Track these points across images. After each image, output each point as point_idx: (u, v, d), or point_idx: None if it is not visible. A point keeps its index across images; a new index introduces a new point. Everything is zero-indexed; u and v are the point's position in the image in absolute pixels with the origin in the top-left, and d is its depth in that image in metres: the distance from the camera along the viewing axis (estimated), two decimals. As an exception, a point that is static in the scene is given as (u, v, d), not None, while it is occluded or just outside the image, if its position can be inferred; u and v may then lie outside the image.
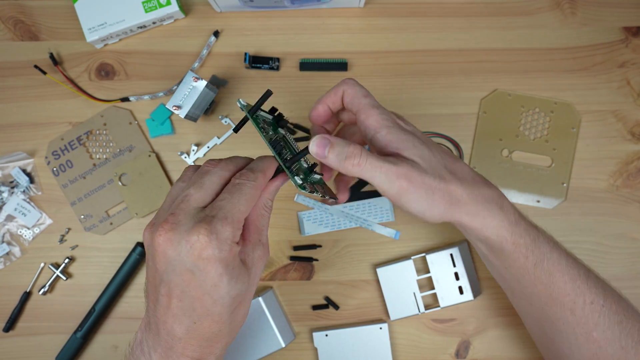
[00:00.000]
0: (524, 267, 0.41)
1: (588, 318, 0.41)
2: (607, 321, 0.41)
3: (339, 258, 0.57)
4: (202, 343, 0.35)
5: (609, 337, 0.41)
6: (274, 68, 0.58)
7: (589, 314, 0.41)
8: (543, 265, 0.41)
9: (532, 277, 0.42)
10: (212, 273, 0.33)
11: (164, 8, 0.56)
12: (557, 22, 0.58)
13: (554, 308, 0.42)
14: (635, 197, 0.57)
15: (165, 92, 0.58)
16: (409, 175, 0.37)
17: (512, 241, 0.40)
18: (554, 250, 0.42)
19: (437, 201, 0.38)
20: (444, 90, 0.58)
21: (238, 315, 0.37)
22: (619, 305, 0.42)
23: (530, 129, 0.57)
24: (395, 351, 0.56)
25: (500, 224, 0.40)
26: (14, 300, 0.57)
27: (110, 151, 0.58)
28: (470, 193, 0.39)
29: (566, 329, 0.42)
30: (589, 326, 0.41)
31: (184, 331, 0.35)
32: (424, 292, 0.55)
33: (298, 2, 0.56)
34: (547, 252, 0.41)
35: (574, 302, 0.41)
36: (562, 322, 0.42)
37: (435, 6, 0.59)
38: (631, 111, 0.57)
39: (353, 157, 0.37)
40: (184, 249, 0.33)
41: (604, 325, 0.41)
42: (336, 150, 0.37)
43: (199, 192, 0.35)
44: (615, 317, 0.41)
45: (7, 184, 0.58)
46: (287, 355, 0.56)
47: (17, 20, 0.59)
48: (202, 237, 0.33)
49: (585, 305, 0.41)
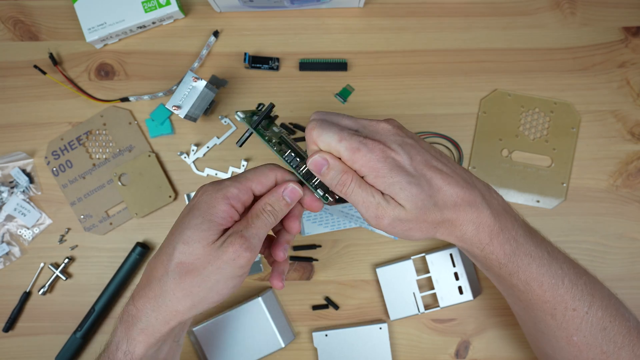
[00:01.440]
0: (502, 275, 0.42)
1: (569, 323, 0.41)
2: (589, 327, 0.41)
3: (338, 258, 0.57)
4: (145, 287, 0.39)
5: (590, 342, 0.41)
6: (273, 68, 0.58)
7: (570, 319, 0.41)
8: (519, 276, 0.41)
9: (510, 284, 0.42)
10: (190, 215, 0.38)
11: (164, 8, 0.56)
12: (557, 22, 0.58)
13: (535, 311, 0.43)
14: (635, 197, 0.57)
15: (165, 92, 0.58)
16: (388, 216, 0.39)
17: (495, 255, 0.41)
18: (533, 262, 0.41)
19: (417, 231, 0.40)
20: (444, 90, 0.58)
21: (182, 282, 0.37)
22: (605, 311, 0.42)
23: (530, 129, 0.57)
24: (395, 351, 0.56)
25: (471, 242, 0.41)
26: (14, 300, 0.57)
27: (110, 151, 0.58)
28: (453, 215, 0.40)
29: (547, 331, 0.43)
30: (569, 331, 0.42)
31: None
32: (424, 292, 0.55)
33: (298, 2, 0.56)
34: (524, 264, 0.41)
35: (554, 308, 0.41)
36: (543, 324, 0.43)
37: (435, 6, 0.59)
38: (631, 111, 0.57)
39: (343, 185, 0.39)
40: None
41: (585, 330, 0.41)
42: (331, 174, 0.39)
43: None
44: (599, 324, 0.41)
45: (6, 184, 0.58)
46: (286, 355, 0.56)
47: (17, 20, 0.59)
48: (210, 187, 0.39)
49: (567, 311, 0.41)
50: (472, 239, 0.41)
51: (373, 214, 0.39)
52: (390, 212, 0.38)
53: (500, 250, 0.41)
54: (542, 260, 0.42)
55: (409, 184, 0.38)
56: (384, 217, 0.39)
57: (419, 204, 0.39)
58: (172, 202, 0.57)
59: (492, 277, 0.45)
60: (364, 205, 0.39)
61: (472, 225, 0.40)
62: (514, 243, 0.41)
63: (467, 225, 0.40)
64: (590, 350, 0.41)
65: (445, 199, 0.40)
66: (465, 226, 0.40)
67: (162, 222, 0.57)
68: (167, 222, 0.57)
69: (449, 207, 0.40)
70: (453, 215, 0.40)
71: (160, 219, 0.57)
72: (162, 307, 0.38)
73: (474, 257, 0.43)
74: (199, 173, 0.58)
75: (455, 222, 0.40)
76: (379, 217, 0.39)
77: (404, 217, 0.39)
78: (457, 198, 0.40)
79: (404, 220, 0.39)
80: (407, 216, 0.39)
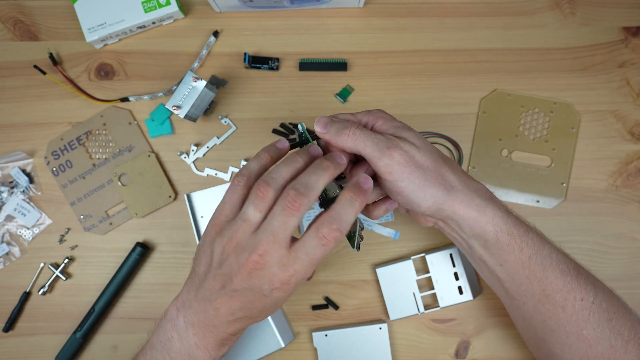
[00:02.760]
0: (519, 261, 0.41)
1: (578, 315, 0.41)
2: (596, 319, 0.41)
3: (339, 258, 0.57)
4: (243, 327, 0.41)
5: (599, 336, 0.41)
6: (273, 68, 0.58)
7: (579, 311, 0.41)
8: (537, 258, 0.41)
9: (527, 272, 0.42)
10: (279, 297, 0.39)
11: (164, 8, 0.56)
12: (557, 22, 0.58)
13: (546, 305, 0.42)
14: (634, 197, 0.57)
15: (164, 92, 0.58)
16: (400, 147, 0.39)
17: (507, 231, 0.41)
18: (545, 245, 0.42)
19: (430, 181, 0.40)
20: (443, 90, 0.58)
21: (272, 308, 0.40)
22: (609, 303, 0.42)
23: (530, 129, 0.57)
24: (395, 351, 0.56)
25: (493, 212, 0.41)
26: (14, 300, 0.57)
27: (109, 151, 0.58)
28: (463, 182, 0.41)
29: (557, 328, 0.42)
30: (579, 324, 0.41)
31: (232, 318, 0.39)
32: (424, 292, 0.55)
33: (297, 2, 0.56)
34: (539, 244, 0.42)
35: (565, 298, 0.41)
36: (553, 320, 0.42)
37: (435, 6, 0.59)
38: (631, 111, 0.57)
39: (348, 128, 0.39)
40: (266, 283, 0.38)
41: (593, 323, 0.41)
42: (335, 126, 0.40)
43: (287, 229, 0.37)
44: (605, 315, 0.41)
45: (6, 184, 0.58)
46: (286, 356, 0.56)
47: (16, 20, 0.59)
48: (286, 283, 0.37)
49: (576, 301, 0.41)
50: (494, 210, 0.41)
51: (385, 146, 0.38)
52: (404, 146, 0.39)
53: (520, 226, 0.41)
54: (549, 243, 0.43)
55: (419, 136, 0.42)
56: (397, 148, 0.39)
57: (428, 148, 0.41)
58: (172, 202, 0.57)
59: (506, 274, 0.43)
60: (374, 142, 0.38)
61: (486, 197, 0.41)
62: (524, 223, 0.43)
63: (481, 194, 0.41)
64: (600, 344, 0.41)
65: (447, 160, 0.42)
66: (480, 194, 0.41)
67: (162, 222, 0.57)
68: (167, 222, 0.57)
69: (454, 168, 0.42)
70: (462, 179, 0.41)
71: (160, 219, 0.57)
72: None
73: (495, 242, 0.41)
74: (199, 173, 0.58)
75: (470, 188, 0.41)
76: (392, 148, 0.38)
77: (418, 157, 0.39)
78: (460, 168, 0.42)
79: (417, 159, 0.39)
80: (421, 157, 0.39)
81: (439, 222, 0.44)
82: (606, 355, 0.41)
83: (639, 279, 0.56)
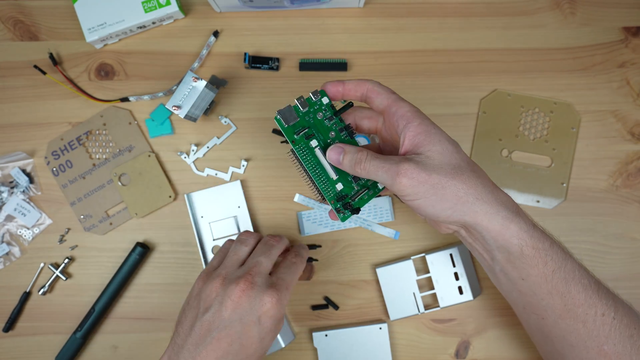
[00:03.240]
0: (542, 275, 0.40)
1: (599, 331, 0.40)
2: (618, 335, 0.40)
3: (338, 258, 0.57)
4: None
5: (620, 351, 0.40)
6: (273, 68, 0.58)
7: (600, 326, 0.40)
8: (561, 273, 0.40)
9: (550, 286, 0.41)
10: (268, 328, 0.43)
11: (164, 8, 0.56)
12: (557, 22, 0.58)
13: (567, 320, 0.41)
14: (635, 197, 0.57)
15: (164, 92, 0.58)
16: (410, 172, 0.38)
17: (532, 245, 0.40)
18: (568, 259, 0.41)
19: (446, 196, 0.39)
20: (443, 90, 0.58)
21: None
22: (630, 318, 0.41)
23: (530, 129, 0.57)
24: (395, 351, 0.56)
25: (519, 226, 0.40)
26: (14, 300, 0.57)
27: (109, 151, 0.58)
28: (490, 193, 0.40)
29: (578, 343, 0.41)
30: (600, 339, 0.41)
31: None
32: (424, 292, 0.55)
33: (298, 2, 0.56)
34: (562, 259, 0.41)
35: (587, 313, 0.41)
36: (574, 335, 0.41)
37: (435, 6, 0.59)
38: (631, 111, 0.57)
39: (360, 162, 0.41)
40: (257, 304, 0.42)
41: (615, 338, 0.40)
42: (348, 157, 0.42)
43: (268, 262, 0.46)
44: (626, 331, 0.41)
45: (6, 184, 0.58)
46: (286, 356, 0.56)
47: (16, 20, 0.59)
48: (274, 300, 0.42)
49: (597, 317, 0.40)
50: (519, 224, 0.40)
51: (394, 173, 0.39)
52: (414, 168, 0.38)
53: (545, 240, 0.40)
54: (572, 257, 0.42)
55: (448, 140, 0.41)
56: (404, 174, 0.38)
57: (453, 159, 0.40)
58: (172, 202, 0.57)
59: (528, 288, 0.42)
60: (384, 170, 0.39)
61: (513, 209, 0.41)
62: (549, 237, 0.42)
63: (507, 206, 0.40)
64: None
65: (476, 169, 0.41)
66: (507, 206, 0.40)
67: (162, 222, 0.57)
68: (167, 222, 0.57)
69: (482, 178, 0.41)
70: (488, 189, 0.40)
71: (160, 219, 0.57)
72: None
73: (520, 255, 0.40)
74: (199, 173, 0.58)
75: (497, 199, 0.40)
76: (400, 175, 0.38)
77: (431, 173, 0.39)
78: (489, 179, 0.42)
79: (431, 177, 0.38)
80: (434, 173, 0.39)
81: (461, 231, 0.43)
82: None
83: (639, 279, 0.56)
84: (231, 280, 0.43)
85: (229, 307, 0.42)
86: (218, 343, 0.41)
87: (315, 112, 0.44)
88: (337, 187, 0.43)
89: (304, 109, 0.43)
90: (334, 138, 0.44)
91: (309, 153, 0.43)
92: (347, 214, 0.43)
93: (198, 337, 0.42)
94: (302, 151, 0.43)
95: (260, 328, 0.42)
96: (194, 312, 0.44)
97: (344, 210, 0.43)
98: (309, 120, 0.43)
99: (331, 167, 0.43)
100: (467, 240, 0.44)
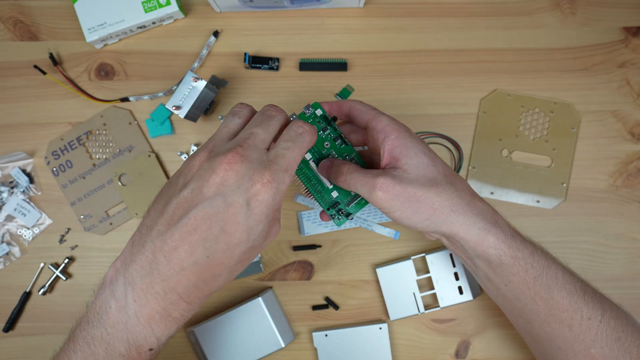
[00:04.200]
0: (524, 282, 0.41)
1: (586, 334, 0.41)
2: (605, 338, 0.41)
3: (339, 258, 0.57)
4: (198, 283, 0.35)
5: (607, 355, 0.40)
6: (273, 68, 0.58)
7: (587, 330, 0.41)
8: (542, 280, 0.41)
9: (532, 292, 0.41)
10: (257, 216, 0.34)
11: (164, 8, 0.56)
12: (557, 22, 0.58)
13: (553, 325, 0.41)
14: (635, 197, 0.57)
15: (165, 92, 0.58)
16: (386, 186, 0.40)
17: (510, 254, 0.41)
18: (552, 265, 0.42)
19: (422, 209, 0.40)
20: (443, 90, 0.58)
21: (235, 271, 0.37)
22: (617, 321, 0.41)
23: (530, 129, 0.57)
24: (395, 351, 0.56)
25: (496, 237, 0.41)
26: (14, 300, 0.57)
27: (110, 151, 0.58)
28: (467, 204, 0.41)
29: (565, 347, 0.42)
30: (586, 343, 0.41)
31: (190, 262, 0.34)
32: (424, 292, 0.55)
33: (298, 2, 0.56)
34: (545, 266, 0.41)
35: (572, 317, 0.41)
36: (560, 339, 0.42)
37: (435, 6, 0.59)
38: (631, 111, 0.57)
39: (341, 174, 0.42)
40: (246, 183, 0.34)
41: (602, 342, 0.41)
42: (333, 170, 0.43)
43: (265, 134, 0.37)
44: (613, 334, 0.41)
45: (6, 184, 0.58)
46: (286, 356, 0.56)
47: (16, 20, 0.59)
48: (267, 179, 0.34)
49: (583, 320, 0.41)
50: (497, 235, 0.40)
51: (372, 187, 0.40)
52: (390, 182, 0.39)
53: (524, 248, 0.41)
54: (557, 263, 0.42)
55: (424, 153, 0.41)
56: (380, 188, 0.39)
57: (429, 172, 0.40)
58: (172, 202, 0.57)
59: (511, 294, 0.42)
60: (362, 184, 0.40)
61: (491, 219, 0.41)
62: (531, 244, 0.42)
63: (485, 216, 0.41)
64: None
65: (454, 182, 0.41)
66: (484, 216, 0.41)
67: (162, 222, 0.57)
68: (167, 222, 0.57)
69: (460, 190, 0.41)
70: (465, 201, 0.41)
71: (160, 219, 0.57)
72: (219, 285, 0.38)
73: (499, 264, 0.41)
74: (199, 173, 0.58)
75: (474, 210, 0.41)
76: (377, 188, 0.39)
77: (407, 187, 0.39)
78: (468, 188, 0.42)
79: (406, 190, 0.39)
80: (410, 186, 0.39)
81: (443, 239, 0.44)
82: None
83: (639, 279, 0.56)
84: (218, 153, 0.35)
85: (211, 183, 0.34)
86: (195, 224, 0.33)
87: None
88: (333, 194, 0.45)
89: None
90: (328, 148, 0.45)
91: (303, 166, 0.45)
92: (342, 219, 0.45)
93: (170, 217, 0.34)
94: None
95: (248, 214, 0.34)
96: (172, 190, 0.36)
97: (339, 215, 0.45)
98: None
99: (325, 177, 0.45)
100: (450, 247, 0.45)
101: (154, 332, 0.35)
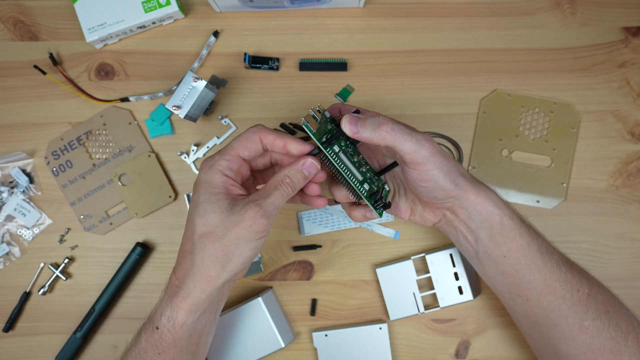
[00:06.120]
0: (520, 248, 0.43)
1: (578, 306, 0.42)
2: (594, 310, 0.42)
3: (338, 258, 0.57)
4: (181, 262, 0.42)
5: (599, 327, 0.42)
6: (273, 68, 0.58)
7: (578, 301, 0.43)
8: (535, 245, 0.43)
9: (528, 260, 0.43)
10: (197, 194, 0.41)
11: (164, 8, 0.56)
12: (557, 22, 0.58)
13: (548, 297, 0.43)
14: (635, 197, 0.57)
15: (164, 92, 0.58)
16: (430, 140, 0.41)
17: (509, 215, 0.43)
18: (539, 235, 0.45)
19: (452, 169, 0.42)
20: (443, 90, 0.58)
21: (207, 249, 0.40)
22: (604, 296, 0.44)
23: (530, 129, 0.57)
24: (395, 351, 0.56)
25: (497, 197, 0.44)
26: (14, 300, 0.57)
27: (109, 151, 0.58)
28: (471, 177, 0.45)
29: (560, 321, 0.43)
30: (579, 315, 0.42)
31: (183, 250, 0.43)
32: (424, 292, 0.55)
33: (298, 2, 0.56)
34: (534, 233, 0.44)
35: (564, 288, 0.43)
36: (556, 313, 0.43)
37: (435, 6, 0.59)
38: (631, 111, 0.57)
39: (385, 124, 0.40)
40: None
41: (592, 314, 0.42)
42: (368, 122, 0.40)
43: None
44: (602, 307, 0.43)
45: (6, 184, 0.58)
46: (286, 356, 0.56)
47: (17, 20, 0.59)
48: (204, 165, 0.42)
49: (574, 292, 0.43)
50: (498, 199, 0.44)
51: (424, 139, 0.40)
52: (431, 140, 0.41)
53: (518, 214, 0.44)
54: (540, 236, 0.45)
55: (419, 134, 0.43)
56: (429, 140, 0.41)
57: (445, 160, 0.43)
58: (172, 202, 0.57)
59: (510, 266, 0.44)
60: (413, 136, 0.40)
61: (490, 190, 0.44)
62: (519, 215, 0.45)
63: (486, 188, 0.44)
64: (601, 336, 0.42)
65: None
66: (485, 187, 0.44)
67: (162, 222, 0.57)
68: (167, 222, 0.57)
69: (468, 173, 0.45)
70: (469, 175, 0.44)
71: (160, 219, 0.57)
72: (197, 276, 0.41)
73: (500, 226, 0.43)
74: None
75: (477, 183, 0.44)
76: (428, 140, 0.41)
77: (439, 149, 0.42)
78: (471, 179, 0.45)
79: (441, 150, 0.42)
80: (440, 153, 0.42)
81: (448, 214, 0.45)
82: (608, 347, 0.42)
83: (639, 279, 0.56)
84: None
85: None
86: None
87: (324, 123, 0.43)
88: (365, 186, 0.43)
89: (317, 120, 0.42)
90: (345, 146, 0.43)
91: (336, 157, 0.42)
92: (380, 210, 0.44)
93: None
94: (333, 155, 0.42)
95: (194, 195, 0.42)
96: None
97: (377, 206, 0.44)
98: (324, 129, 0.42)
99: (355, 169, 0.43)
100: (452, 225, 0.46)
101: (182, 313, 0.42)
